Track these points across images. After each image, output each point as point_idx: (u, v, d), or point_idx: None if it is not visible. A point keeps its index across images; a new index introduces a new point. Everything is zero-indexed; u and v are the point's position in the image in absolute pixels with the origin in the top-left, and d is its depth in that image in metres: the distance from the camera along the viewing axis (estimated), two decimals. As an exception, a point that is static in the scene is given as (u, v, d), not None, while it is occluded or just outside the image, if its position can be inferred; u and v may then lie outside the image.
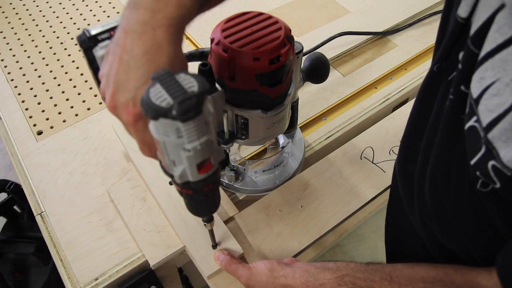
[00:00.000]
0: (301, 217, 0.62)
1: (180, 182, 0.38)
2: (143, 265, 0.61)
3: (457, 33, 0.36)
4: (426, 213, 0.46)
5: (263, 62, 0.44)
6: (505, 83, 0.28)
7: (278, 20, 0.48)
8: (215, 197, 0.46)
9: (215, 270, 0.56)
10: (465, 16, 0.35)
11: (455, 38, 0.37)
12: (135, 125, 0.38)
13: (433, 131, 0.41)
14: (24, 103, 0.82)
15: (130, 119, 0.38)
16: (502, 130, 0.28)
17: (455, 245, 0.44)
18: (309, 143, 0.73)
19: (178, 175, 0.37)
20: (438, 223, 0.44)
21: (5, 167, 1.74)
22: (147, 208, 0.63)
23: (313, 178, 0.66)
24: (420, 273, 0.42)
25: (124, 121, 0.40)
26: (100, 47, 0.44)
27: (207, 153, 0.36)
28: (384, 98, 0.80)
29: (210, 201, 0.45)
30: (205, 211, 0.49)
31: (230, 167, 0.64)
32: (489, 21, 0.30)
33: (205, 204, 0.46)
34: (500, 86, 0.28)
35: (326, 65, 0.61)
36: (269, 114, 0.50)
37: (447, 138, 0.39)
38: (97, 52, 0.44)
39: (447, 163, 0.39)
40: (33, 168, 0.71)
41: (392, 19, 0.92)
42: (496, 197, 0.33)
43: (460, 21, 0.36)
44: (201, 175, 0.38)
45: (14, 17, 1.01)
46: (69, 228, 0.64)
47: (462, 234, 0.41)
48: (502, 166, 0.29)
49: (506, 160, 0.28)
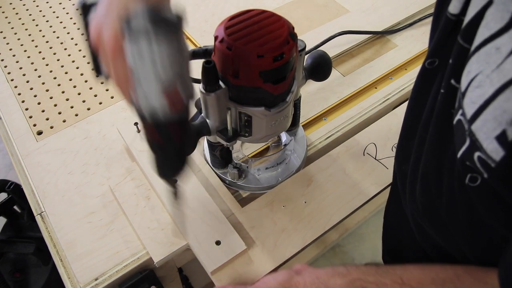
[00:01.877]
0: (305, 212, 0.62)
1: (151, 120, 0.38)
2: (143, 265, 0.60)
3: (449, 29, 0.37)
4: (417, 212, 0.46)
5: (267, 59, 0.44)
6: (486, 74, 0.29)
7: (281, 18, 0.48)
8: (183, 152, 0.46)
9: (219, 266, 0.56)
10: (456, 12, 0.36)
11: (447, 34, 0.38)
12: (114, 54, 0.39)
13: (426, 128, 0.41)
14: (24, 103, 0.82)
15: (111, 48, 0.39)
16: (484, 121, 0.29)
17: (447, 244, 0.44)
18: (312, 141, 0.73)
19: (149, 110, 0.38)
20: (430, 222, 0.45)
21: (5, 167, 1.74)
22: (151, 207, 0.63)
23: (316, 174, 0.66)
24: (431, 275, 0.42)
25: (106, 52, 0.41)
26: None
27: (179, 85, 0.37)
28: (384, 98, 0.80)
29: (177, 155, 0.45)
30: (171, 168, 0.48)
31: (233, 165, 0.64)
32: (479, 17, 0.30)
33: (172, 158, 0.45)
34: (481, 78, 0.29)
35: (329, 63, 0.61)
36: (272, 111, 0.50)
37: (438, 134, 0.39)
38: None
39: (438, 160, 0.39)
40: (33, 168, 0.71)
41: (392, 18, 0.93)
42: (484, 193, 0.33)
43: (450, 17, 0.36)
44: (171, 111, 0.38)
45: (14, 17, 1.00)
46: (69, 228, 0.63)
47: (454, 232, 0.41)
48: (487, 157, 0.29)
49: (489, 151, 0.29)
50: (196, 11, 0.99)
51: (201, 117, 0.55)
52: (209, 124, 0.54)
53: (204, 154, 0.69)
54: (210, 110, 0.52)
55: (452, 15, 0.36)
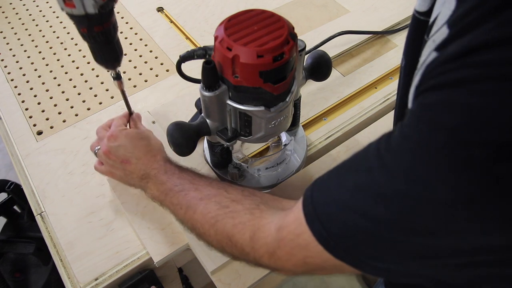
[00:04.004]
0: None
1: (83, 13, 0.47)
2: (143, 265, 0.60)
3: (418, 29, 0.38)
4: None
5: (267, 59, 0.44)
6: (420, 63, 0.32)
7: (281, 18, 0.48)
8: (113, 44, 0.54)
9: (219, 266, 0.56)
10: (422, 10, 0.38)
11: (417, 34, 0.39)
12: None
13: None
14: (24, 103, 0.82)
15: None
16: (408, 102, 0.33)
17: None
18: (312, 141, 0.73)
19: (79, 7, 0.46)
20: None
21: (5, 167, 1.74)
22: (151, 207, 0.63)
23: (316, 174, 0.65)
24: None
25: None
26: None
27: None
28: (384, 98, 0.80)
29: (109, 46, 0.53)
30: (107, 57, 0.55)
31: (233, 165, 0.64)
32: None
33: (106, 49, 0.54)
34: (419, 66, 0.32)
35: (329, 63, 0.61)
36: (272, 111, 0.50)
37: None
38: None
39: None
40: (33, 168, 0.71)
41: (392, 18, 0.93)
42: None
43: (416, 15, 0.39)
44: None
45: (14, 17, 1.00)
46: (69, 228, 0.63)
47: None
48: None
49: None
50: (196, 11, 0.99)
51: (201, 117, 0.55)
52: (209, 124, 0.54)
53: (204, 154, 0.69)
54: (210, 110, 0.52)
55: (417, 12, 0.38)
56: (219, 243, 0.47)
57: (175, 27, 0.96)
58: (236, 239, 0.44)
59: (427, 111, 0.27)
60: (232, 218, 0.46)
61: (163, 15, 1.00)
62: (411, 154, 0.28)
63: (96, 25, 0.50)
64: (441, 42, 0.29)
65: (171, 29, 0.96)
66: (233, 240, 0.45)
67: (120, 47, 0.56)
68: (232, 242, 0.45)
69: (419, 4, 0.39)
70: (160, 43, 0.92)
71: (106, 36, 0.52)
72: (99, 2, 0.47)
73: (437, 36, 0.30)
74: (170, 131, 0.52)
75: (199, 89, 0.50)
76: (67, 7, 0.47)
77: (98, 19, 0.49)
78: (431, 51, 0.30)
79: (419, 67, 0.32)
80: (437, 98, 0.27)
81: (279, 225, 0.40)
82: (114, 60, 0.56)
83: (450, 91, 0.26)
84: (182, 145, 0.53)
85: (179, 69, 0.56)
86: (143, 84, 0.84)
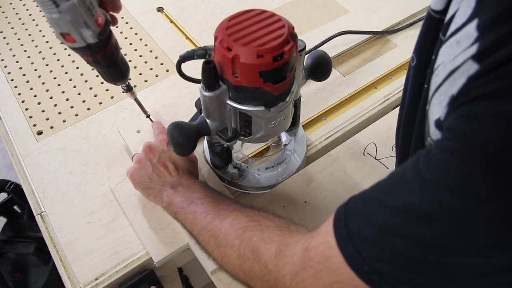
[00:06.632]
0: (305, 212, 0.62)
1: (84, 45, 0.49)
2: (143, 265, 0.60)
3: (432, 27, 0.38)
4: None
5: (267, 59, 0.44)
6: (443, 65, 0.31)
7: (281, 18, 0.48)
8: (117, 64, 0.57)
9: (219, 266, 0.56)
10: (438, 9, 0.37)
11: (431, 32, 0.38)
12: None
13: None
14: (24, 103, 0.82)
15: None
16: (432, 106, 0.32)
17: None
18: (312, 141, 0.73)
19: (80, 40, 0.48)
20: None
21: (5, 167, 1.74)
22: (151, 207, 0.63)
23: (316, 174, 0.66)
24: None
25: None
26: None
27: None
28: (384, 98, 0.80)
29: (114, 67, 0.57)
30: (114, 76, 0.59)
31: (233, 165, 0.64)
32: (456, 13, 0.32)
33: (112, 70, 0.57)
34: (441, 68, 0.31)
35: (329, 62, 0.61)
36: (272, 111, 0.50)
37: (421, 130, 0.39)
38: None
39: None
40: (33, 168, 0.71)
41: (392, 18, 0.93)
42: None
43: (431, 14, 0.38)
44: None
45: (14, 17, 1.00)
46: (69, 228, 0.63)
47: None
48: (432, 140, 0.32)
49: (432, 134, 0.32)
50: (196, 11, 0.99)
51: (201, 117, 0.55)
52: (209, 124, 0.54)
53: (204, 154, 0.69)
54: (210, 110, 0.52)
55: (433, 10, 0.38)
56: (239, 257, 0.45)
57: (175, 27, 0.96)
58: (261, 253, 0.43)
59: (473, 123, 0.26)
60: (261, 232, 0.45)
61: (163, 15, 1.00)
62: (459, 169, 0.26)
63: (98, 52, 0.52)
64: (479, 50, 0.27)
65: (171, 29, 0.96)
66: (258, 254, 0.43)
67: (125, 63, 0.59)
68: (255, 256, 0.43)
69: (435, 2, 0.37)
70: (160, 43, 0.92)
71: (110, 58, 0.55)
72: (96, 30, 0.49)
73: (461, 37, 0.29)
74: (170, 131, 0.52)
75: (199, 89, 0.50)
76: (67, 42, 0.48)
77: (99, 46, 0.51)
78: (467, 58, 0.28)
79: (437, 69, 0.30)
80: (484, 110, 0.25)
81: (306, 245, 0.38)
82: (121, 77, 0.60)
83: (497, 102, 0.25)
84: (182, 145, 0.53)
85: (179, 69, 0.56)
86: (143, 84, 0.84)
